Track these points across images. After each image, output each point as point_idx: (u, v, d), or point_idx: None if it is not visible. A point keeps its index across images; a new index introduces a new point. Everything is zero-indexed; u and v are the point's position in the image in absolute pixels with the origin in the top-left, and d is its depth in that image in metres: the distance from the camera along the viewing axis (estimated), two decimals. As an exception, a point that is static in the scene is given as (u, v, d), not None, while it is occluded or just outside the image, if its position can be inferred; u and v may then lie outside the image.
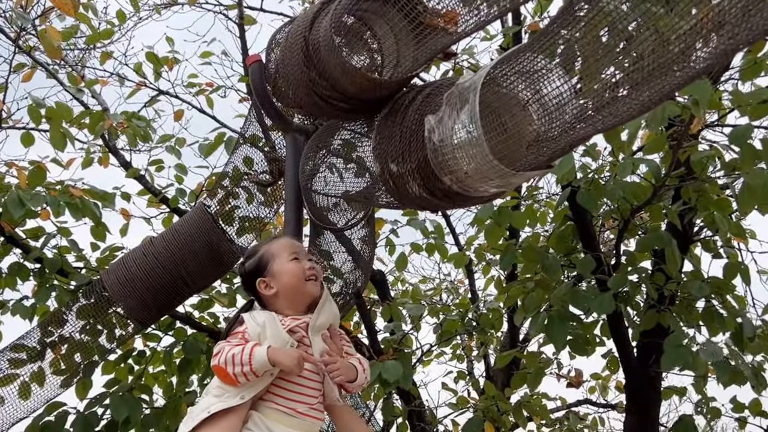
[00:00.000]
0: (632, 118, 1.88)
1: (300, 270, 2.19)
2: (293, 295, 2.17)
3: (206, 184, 4.75)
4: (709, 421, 4.23)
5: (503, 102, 2.14)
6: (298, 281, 2.18)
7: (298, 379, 2.06)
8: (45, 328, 3.85)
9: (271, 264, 2.22)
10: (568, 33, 2.01)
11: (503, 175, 2.00)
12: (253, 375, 1.98)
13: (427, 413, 4.29)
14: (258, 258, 2.26)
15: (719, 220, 3.47)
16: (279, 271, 2.20)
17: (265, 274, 2.21)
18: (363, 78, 2.29)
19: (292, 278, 2.18)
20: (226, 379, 2.00)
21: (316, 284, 2.21)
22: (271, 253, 2.25)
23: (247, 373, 1.97)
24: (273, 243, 2.33)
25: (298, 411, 2.03)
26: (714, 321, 3.62)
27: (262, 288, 2.20)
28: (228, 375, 1.98)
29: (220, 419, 1.96)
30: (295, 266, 2.20)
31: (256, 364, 1.97)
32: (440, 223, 4.81)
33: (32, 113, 4.03)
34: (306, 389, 2.07)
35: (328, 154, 3.10)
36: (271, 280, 2.20)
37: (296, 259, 2.22)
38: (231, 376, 1.98)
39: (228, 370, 1.97)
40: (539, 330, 3.50)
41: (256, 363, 1.97)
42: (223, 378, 2.00)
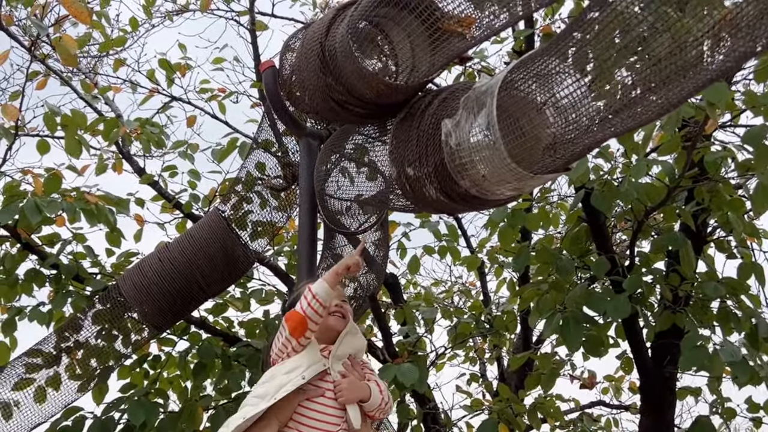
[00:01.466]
0: (650, 121, 1.90)
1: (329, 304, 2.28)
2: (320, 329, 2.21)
3: (219, 190, 4.77)
4: (725, 421, 4.22)
5: (520, 106, 2.16)
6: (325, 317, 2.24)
7: (319, 406, 2.09)
8: (61, 334, 3.88)
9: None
10: (585, 36, 2.02)
11: (521, 177, 2.02)
12: (320, 306, 2.09)
13: (442, 416, 4.30)
14: (297, 294, 2.37)
15: (733, 221, 3.48)
16: None
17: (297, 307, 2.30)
18: (380, 83, 2.31)
19: None
20: (298, 321, 2.10)
21: (340, 319, 2.26)
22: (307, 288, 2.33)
23: (314, 304, 2.09)
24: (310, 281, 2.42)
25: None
26: (729, 321, 3.62)
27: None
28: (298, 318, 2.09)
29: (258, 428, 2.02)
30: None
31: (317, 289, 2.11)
32: (454, 225, 4.82)
33: (48, 121, 4.06)
34: (328, 416, 2.10)
35: (341, 158, 3.13)
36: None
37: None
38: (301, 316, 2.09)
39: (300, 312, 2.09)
40: (553, 331, 3.51)
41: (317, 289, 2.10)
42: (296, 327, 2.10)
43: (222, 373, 4.43)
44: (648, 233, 4.06)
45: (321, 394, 2.10)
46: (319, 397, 2.10)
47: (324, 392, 2.11)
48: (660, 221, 4.06)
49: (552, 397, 4.77)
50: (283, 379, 2.07)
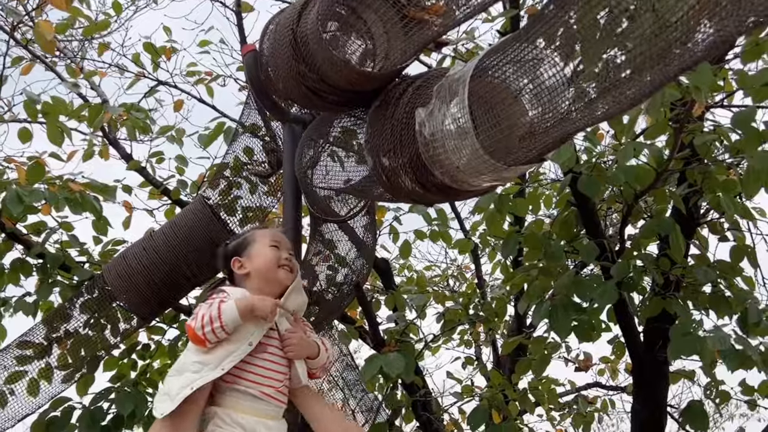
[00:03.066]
0: (631, 106, 1.83)
1: (275, 256, 2.22)
2: (264, 278, 2.19)
3: (207, 175, 4.71)
4: (718, 406, 4.18)
5: (495, 93, 2.09)
6: (271, 266, 2.20)
7: (265, 362, 2.06)
8: (50, 324, 3.84)
9: (250, 246, 2.26)
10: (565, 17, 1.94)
11: (495, 169, 1.95)
12: (223, 332, 1.97)
13: (433, 403, 4.26)
14: (241, 239, 2.30)
15: (725, 202, 3.41)
16: (255, 253, 2.23)
17: (242, 255, 2.25)
18: (352, 71, 2.24)
19: (266, 262, 2.20)
20: (196, 339, 1.99)
21: (288, 273, 2.22)
22: (254, 237, 2.30)
23: (217, 329, 1.96)
24: (259, 228, 2.42)
25: (264, 393, 2.03)
26: (721, 305, 3.57)
27: (236, 267, 2.23)
28: (197, 336, 1.97)
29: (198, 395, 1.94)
30: (271, 252, 2.23)
31: (226, 318, 1.97)
32: (443, 209, 4.75)
33: (28, 109, 3.99)
34: (272, 372, 2.07)
35: (328, 144, 3.06)
36: (246, 260, 2.23)
37: (275, 247, 2.25)
38: (200, 336, 1.97)
39: (198, 333, 1.97)
40: (542, 318, 3.46)
41: (226, 317, 1.97)
42: (194, 339, 1.99)
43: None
44: (639, 216, 4.00)
45: (264, 350, 2.06)
46: (263, 353, 2.06)
47: (267, 347, 2.07)
48: (652, 204, 4.00)
49: (547, 380, 4.73)
50: (229, 347, 2.00)
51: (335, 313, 4.16)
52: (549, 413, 5.33)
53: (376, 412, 4.57)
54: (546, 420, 5.48)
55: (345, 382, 4.84)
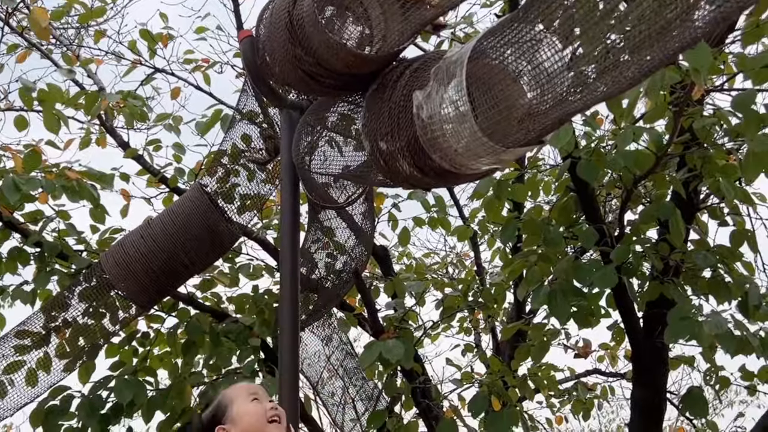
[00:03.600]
0: (631, 86, 1.81)
1: (262, 411, 2.10)
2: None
3: (205, 163, 4.69)
4: (717, 391, 4.18)
5: (493, 75, 2.07)
6: (261, 423, 2.08)
7: None
8: (48, 312, 3.83)
9: (229, 409, 2.11)
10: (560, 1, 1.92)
11: (493, 152, 1.94)
12: None
13: (432, 390, 4.26)
14: (215, 406, 2.15)
15: (724, 187, 3.39)
16: (239, 413, 2.09)
17: (224, 421, 2.09)
18: (348, 54, 2.22)
19: (254, 420, 2.08)
20: None
21: (279, 427, 2.11)
22: (229, 398, 2.15)
23: None
24: (229, 388, 2.23)
25: None
26: (721, 290, 3.56)
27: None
28: None
29: None
30: (255, 407, 2.10)
31: None
32: (441, 195, 4.74)
33: (23, 97, 3.97)
34: None
35: (326, 130, 3.04)
36: (231, 426, 2.08)
37: (256, 400, 2.13)
38: None
39: None
40: (541, 303, 3.45)
41: None
42: None
43: (211, 350, 4.39)
44: (639, 201, 3.98)
45: None
46: None
47: None
48: (651, 189, 3.98)
49: (546, 367, 4.73)
50: None
51: (334, 300, 4.16)
52: (549, 400, 5.33)
53: (376, 400, 4.57)
54: (546, 407, 5.49)
55: (345, 370, 4.85)
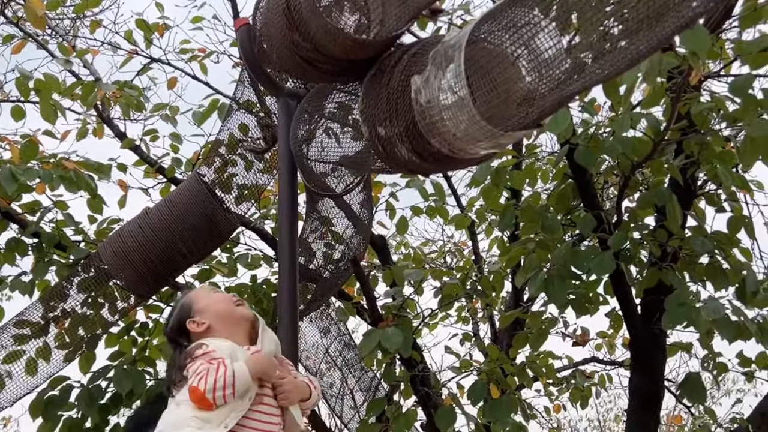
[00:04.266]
0: (629, 67, 1.80)
1: (225, 297, 2.20)
2: (228, 321, 2.14)
3: (202, 153, 4.69)
4: (715, 377, 4.19)
5: (491, 59, 2.07)
6: (228, 306, 2.17)
7: (261, 415, 2.02)
8: (47, 303, 3.83)
9: (195, 305, 2.19)
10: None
11: (492, 135, 1.94)
12: (233, 397, 1.93)
13: (431, 378, 4.27)
14: (179, 309, 2.23)
15: (722, 174, 3.39)
16: (206, 305, 2.18)
17: (192, 314, 2.18)
18: (346, 39, 2.22)
19: (222, 305, 2.17)
20: (202, 402, 1.92)
21: (244, 308, 2.18)
22: (191, 298, 2.23)
23: (228, 396, 1.92)
24: (189, 291, 2.34)
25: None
26: (718, 276, 3.56)
27: (194, 327, 2.15)
28: (205, 399, 1.91)
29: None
30: (218, 295, 2.22)
31: (239, 384, 1.93)
32: (440, 183, 4.74)
33: (20, 86, 3.96)
34: (268, 424, 2.03)
35: (323, 118, 3.04)
36: (200, 316, 2.16)
37: (217, 292, 2.24)
38: (209, 400, 1.91)
39: (208, 396, 1.91)
40: (539, 290, 3.46)
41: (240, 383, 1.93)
42: (199, 401, 1.93)
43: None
44: (636, 188, 3.98)
45: (260, 401, 2.03)
46: (259, 405, 2.02)
47: (263, 398, 2.04)
48: (649, 176, 3.98)
49: (544, 355, 4.74)
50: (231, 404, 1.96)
51: (333, 290, 4.16)
52: (547, 388, 5.34)
53: (375, 391, 4.58)
54: (544, 395, 5.51)
55: (344, 360, 4.85)
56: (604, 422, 10.91)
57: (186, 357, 2.04)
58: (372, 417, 4.09)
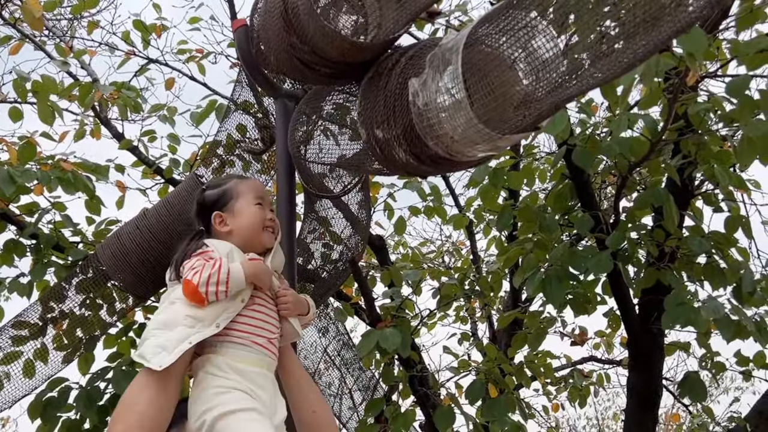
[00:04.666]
0: (626, 71, 1.81)
1: (261, 216, 2.14)
2: (248, 238, 2.11)
3: (200, 153, 4.69)
4: (714, 376, 4.20)
5: (489, 62, 2.07)
6: (257, 227, 2.13)
7: (254, 311, 2.01)
8: (45, 304, 3.83)
9: (233, 201, 2.16)
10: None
11: (489, 138, 1.94)
12: (225, 295, 1.92)
13: (430, 378, 4.27)
14: (222, 191, 2.19)
15: (719, 173, 3.40)
16: (240, 210, 2.14)
17: (224, 210, 2.15)
18: (343, 41, 2.21)
19: (251, 223, 2.13)
20: (194, 297, 1.90)
21: (271, 236, 2.15)
22: (237, 191, 2.19)
23: (221, 293, 1.90)
24: (242, 181, 2.27)
25: (257, 344, 1.97)
26: (716, 276, 3.57)
27: (217, 223, 2.13)
28: (198, 293, 1.90)
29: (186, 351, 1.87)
30: (257, 210, 2.15)
31: (233, 283, 1.92)
32: (437, 184, 4.75)
33: (17, 88, 3.96)
34: (263, 323, 2.01)
35: (321, 119, 3.04)
36: (229, 217, 2.14)
37: (260, 204, 2.17)
38: (201, 295, 1.90)
39: (201, 289, 1.89)
40: (536, 290, 3.46)
41: (233, 282, 1.92)
42: (191, 295, 1.91)
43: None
44: (634, 188, 3.99)
45: (253, 302, 2.01)
46: (252, 305, 2.01)
47: (255, 299, 2.02)
48: (646, 176, 3.99)
49: (542, 354, 4.75)
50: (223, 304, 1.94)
51: (331, 290, 4.16)
52: (545, 387, 5.36)
53: (373, 390, 4.58)
54: (542, 394, 5.52)
55: (342, 360, 4.86)
56: (603, 421, 10.93)
57: (188, 251, 2.04)
58: (371, 417, 4.09)
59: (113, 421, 1.85)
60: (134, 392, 1.86)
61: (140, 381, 1.87)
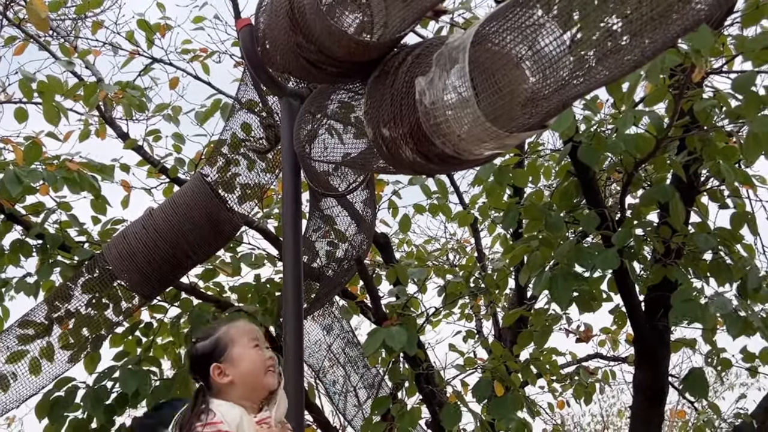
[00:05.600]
0: (627, 73, 1.81)
1: (261, 359, 2.06)
2: (251, 385, 2.04)
3: (205, 153, 4.69)
4: (719, 373, 4.20)
5: (495, 60, 2.07)
6: (259, 371, 2.05)
7: None
8: (51, 303, 3.84)
9: (229, 349, 2.05)
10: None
11: (497, 137, 1.94)
12: None
13: (436, 376, 4.27)
14: (215, 340, 2.08)
15: (725, 170, 3.40)
16: (239, 357, 2.04)
17: (222, 360, 2.04)
18: (350, 41, 2.22)
19: (253, 367, 2.04)
20: None
21: (274, 376, 2.07)
22: (231, 338, 2.08)
23: None
24: (232, 326, 2.15)
25: None
26: (722, 272, 3.57)
27: (216, 375, 2.02)
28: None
29: None
30: (256, 354, 2.06)
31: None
32: (443, 181, 4.74)
33: (23, 88, 3.96)
34: None
35: (326, 118, 3.04)
36: (228, 367, 2.03)
37: (257, 347, 2.08)
38: None
39: None
40: (543, 288, 3.46)
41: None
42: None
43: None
44: (639, 185, 3.99)
45: None
46: None
47: None
48: (652, 172, 3.99)
49: (548, 352, 4.74)
50: None
51: (336, 288, 4.16)
52: (550, 384, 5.35)
53: (378, 388, 4.58)
54: (547, 391, 5.52)
55: (347, 358, 4.86)
56: (607, 417, 10.93)
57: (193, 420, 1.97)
58: (377, 415, 4.10)
59: None
60: None
61: None
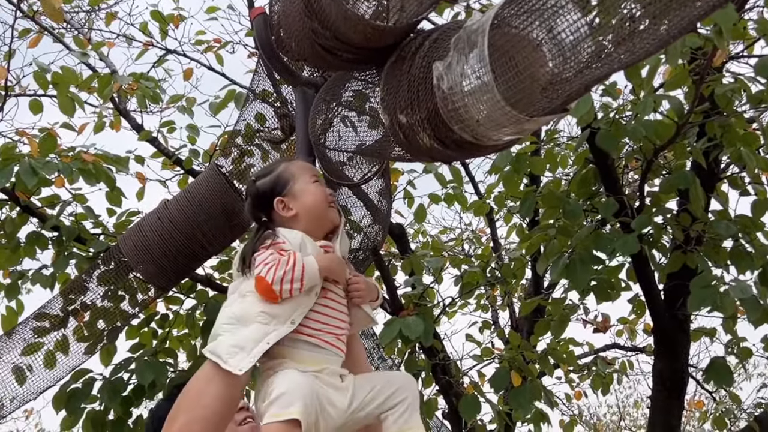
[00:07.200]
0: (651, 54, 1.77)
1: (323, 193, 2.07)
2: (315, 218, 2.02)
3: (219, 144, 4.68)
4: (741, 361, 4.16)
5: (514, 43, 2.03)
6: (322, 204, 2.04)
7: (325, 307, 1.92)
8: (67, 296, 3.84)
9: (291, 183, 2.05)
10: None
11: (517, 121, 1.90)
12: (299, 292, 1.84)
13: (452, 366, 4.25)
14: (275, 176, 2.08)
15: (746, 156, 3.35)
16: (301, 191, 2.04)
17: (285, 194, 2.04)
18: (366, 26, 2.19)
19: (316, 200, 2.04)
20: (268, 294, 1.82)
21: (336, 212, 2.09)
22: (291, 173, 2.09)
23: (296, 290, 1.83)
24: (291, 163, 2.18)
25: (325, 341, 1.89)
26: (742, 260, 3.52)
27: (280, 208, 2.02)
28: (272, 291, 1.81)
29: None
30: (318, 188, 2.07)
31: (308, 279, 1.84)
32: (459, 170, 4.70)
33: (38, 79, 3.97)
34: (334, 319, 1.93)
35: (340, 107, 3.02)
36: (291, 200, 2.03)
37: (317, 182, 2.10)
38: (275, 292, 1.81)
39: (275, 287, 1.81)
40: (560, 275, 3.42)
41: (308, 279, 1.84)
42: (265, 292, 1.82)
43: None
44: (659, 172, 3.94)
45: (325, 295, 1.93)
46: (323, 299, 1.92)
47: (327, 292, 1.94)
48: (671, 159, 3.94)
49: (565, 342, 4.71)
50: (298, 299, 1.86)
51: (352, 279, 4.15)
52: (567, 375, 5.32)
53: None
54: (564, 382, 5.49)
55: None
56: (624, 408, 10.89)
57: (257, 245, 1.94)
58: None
59: (176, 409, 1.77)
60: (200, 384, 1.78)
61: (207, 373, 1.79)
